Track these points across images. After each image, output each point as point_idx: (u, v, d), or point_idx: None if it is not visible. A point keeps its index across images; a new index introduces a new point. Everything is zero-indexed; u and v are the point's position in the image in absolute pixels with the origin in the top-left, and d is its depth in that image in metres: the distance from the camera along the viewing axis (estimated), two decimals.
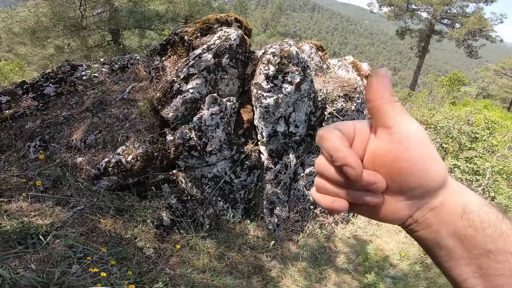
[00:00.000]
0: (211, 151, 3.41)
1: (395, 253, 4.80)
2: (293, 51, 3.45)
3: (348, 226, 5.41)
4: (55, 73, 4.14)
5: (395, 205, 0.43)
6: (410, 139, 0.40)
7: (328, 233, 4.87)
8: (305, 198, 4.65)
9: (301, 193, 4.53)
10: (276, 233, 4.46)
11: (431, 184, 0.41)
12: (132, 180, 3.45)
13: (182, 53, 3.68)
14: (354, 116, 4.28)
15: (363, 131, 0.44)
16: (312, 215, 4.94)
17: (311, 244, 4.50)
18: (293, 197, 4.51)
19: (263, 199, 4.27)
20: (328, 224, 5.12)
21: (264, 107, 3.52)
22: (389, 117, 0.41)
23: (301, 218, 4.73)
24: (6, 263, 2.34)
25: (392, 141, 0.41)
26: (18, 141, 3.33)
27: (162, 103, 3.45)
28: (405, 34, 17.95)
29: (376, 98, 0.41)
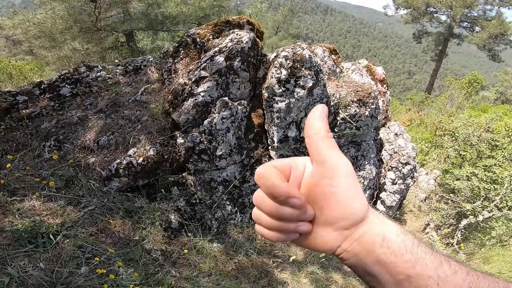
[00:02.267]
0: (221, 155, 3.41)
1: None
2: (305, 55, 3.43)
3: None
4: (71, 74, 4.23)
5: (324, 235, 0.47)
6: (337, 175, 0.45)
7: None
8: None
9: None
10: None
11: (353, 216, 0.45)
12: (142, 181, 3.49)
13: (194, 56, 3.71)
14: (368, 122, 4.22)
15: (299, 167, 0.50)
16: None
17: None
18: None
19: None
20: None
21: (275, 112, 3.50)
22: (321, 152, 0.46)
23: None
24: (15, 261, 2.40)
25: (323, 176, 0.46)
26: (34, 141, 3.41)
27: (174, 106, 3.48)
28: (422, 37, 17.55)
29: (311, 134, 0.47)
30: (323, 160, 0.46)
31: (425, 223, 6.21)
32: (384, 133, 5.30)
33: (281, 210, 0.46)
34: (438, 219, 5.85)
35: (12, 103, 3.76)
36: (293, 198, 0.45)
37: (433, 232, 5.91)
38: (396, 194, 5.46)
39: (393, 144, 5.20)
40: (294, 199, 0.45)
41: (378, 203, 5.62)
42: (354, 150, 4.62)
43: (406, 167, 5.22)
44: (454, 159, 6.41)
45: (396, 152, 5.19)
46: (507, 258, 4.65)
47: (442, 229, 5.89)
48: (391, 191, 5.46)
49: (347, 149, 4.58)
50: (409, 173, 5.32)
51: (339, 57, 4.57)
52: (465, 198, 5.91)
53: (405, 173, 5.30)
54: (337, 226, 0.46)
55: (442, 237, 5.67)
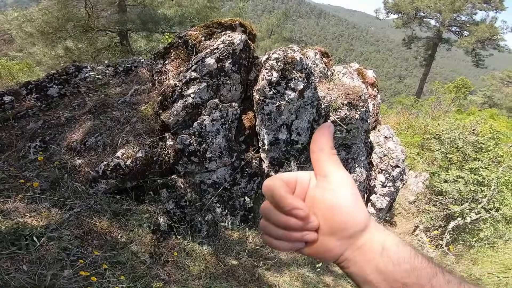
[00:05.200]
0: (211, 157, 3.34)
1: None
2: (297, 57, 3.38)
3: None
4: (60, 74, 4.11)
5: (329, 244, 0.49)
6: (340, 188, 0.48)
7: None
8: None
9: None
10: None
11: (356, 226, 0.48)
12: (131, 184, 3.40)
13: (185, 57, 3.63)
14: (358, 124, 4.19)
15: (304, 180, 0.53)
16: None
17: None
18: None
19: None
20: None
21: (266, 114, 3.44)
22: (325, 167, 0.50)
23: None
24: None
25: (326, 189, 0.49)
26: (19, 141, 3.30)
27: (164, 107, 3.40)
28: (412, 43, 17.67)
29: (316, 150, 0.51)
30: (326, 174, 0.50)
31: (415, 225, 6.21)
32: (374, 136, 5.29)
33: (287, 221, 0.49)
34: (427, 221, 5.86)
35: None
36: (297, 209, 0.47)
37: (423, 234, 5.91)
38: (386, 197, 5.45)
39: (383, 147, 5.19)
40: (298, 210, 0.47)
41: (368, 205, 5.60)
42: (344, 153, 4.59)
43: (396, 169, 5.21)
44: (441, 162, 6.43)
45: (386, 155, 5.18)
46: (496, 259, 4.65)
47: (431, 231, 5.90)
48: (381, 193, 5.45)
49: (338, 152, 4.53)
50: (398, 175, 5.31)
51: (330, 60, 4.54)
52: (453, 200, 5.92)
53: (394, 176, 5.29)
54: (340, 236, 0.48)
55: (432, 239, 5.68)
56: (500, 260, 4.60)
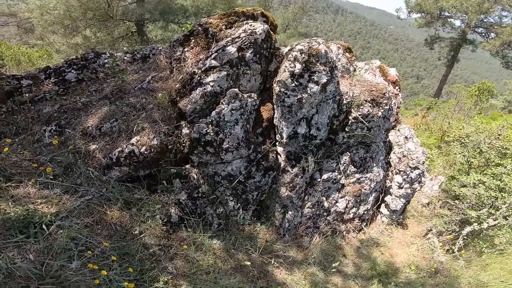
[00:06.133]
0: (227, 148, 3.16)
1: (405, 265, 4.46)
2: (321, 50, 3.15)
3: (360, 235, 5.09)
4: (79, 60, 4.00)
5: None
6: None
7: (339, 241, 4.55)
8: (320, 204, 4.35)
9: (316, 199, 4.23)
10: (285, 238, 4.19)
11: None
12: (144, 172, 3.26)
13: (205, 45, 3.45)
14: (380, 123, 3.94)
15: None
16: (325, 222, 4.63)
17: (320, 250, 4.21)
18: (307, 203, 4.21)
19: (275, 202, 4.00)
20: (339, 232, 4.81)
21: (286, 107, 3.24)
22: None
23: (313, 225, 4.44)
24: (4, 252, 2.19)
25: None
26: (35, 125, 3.19)
27: (181, 95, 3.23)
28: (435, 43, 16.91)
29: None
30: None
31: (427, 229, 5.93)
32: (393, 136, 5.01)
33: None
34: (441, 225, 5.58)
35: (15, 87, 3.55)
36: None
37: (435, 238, 5.64)
38: (401, 198, 5.19)
39: (403, 147, 4.92)
40: None
41: (382, 206, 5.34)
42: (363, 151, 4.35)
43: (415, 171, 4.94)
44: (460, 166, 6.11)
45: (405, 156, 4.90)
46: (505, 266, 4.44)
47: (444, 235, 5.63)
48: (396, 195, 5.19)
49: (356, 150, 4.31)
50: (417, 177, 5.04)
51: (353, 55, 4.29)
52: (470, 205, 5.63)
53: (413, 178, 5.01)
54: None
55: (443, 244, 5.41)
56: (509, 266, 4.36)
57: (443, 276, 4.22)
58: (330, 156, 4.09)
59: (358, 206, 4.86)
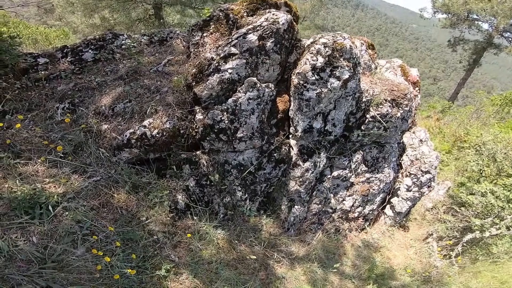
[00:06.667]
0: (241, 137, 2.99)
1: (401, 267, 4.37)
2: (346, 45, 2.92)
3: (362, 234, 4.96)
4: (97, 40, 3.83)
5: None
6: None
7: (341, 239, 4.40)
8: (327, 201, 4.17)
9: (324, 195, 4.05)
10: (289, 232, 4.04)
11: None
12: (154, 155, 3.11)
13: (225, 31, 3.23)
14: (397, 124, 3.70)
15: None
16: (330, 219, 4.46)
17: (322, 247, 4.11)
18: (314, 198, 4.04)
19: (283, 195, 3.84)
20: (342, 230, 4.65)
21: (304, 100, 3.04)
22: None
23: (318, 221, 4.28)
24: (7, 233, 2.09)
25: None
26: (48, 102, 3.05)
27: (197, 80, 3.04)
28: (458, 45, 16.09)
29: None
30: None
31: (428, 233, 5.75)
32: (408, 138, 4.76)
33: None
34: (442, 231, 5.41)
35: (31, 64, 3.43)
36: None
37: (434, 242, 5.48)
38: (408, 201, 4.98)
39: (416, 150, 4.67)
40: None
41: (387, 207, 5.14)
42: (376, 151, 4.13)
43: (426, 175, 4.70)
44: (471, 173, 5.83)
45: (418, 159, 4.66)
46: (496, 274, 4.38)
47: (444, 240, 5.46)
48: (404, 197, 4.98)
49: (369, 149, 4.09)
50: (427, 182, 4.81)
51: (375, 52, 4.01)
52: (475, 213, 5.44)
53: (422, 182, 4.79)
54: None
55: (442, 249, 5.27)
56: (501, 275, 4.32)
57: (435, 281, 4.14)
58: (342, 153, 3.88)
59: (364, 206, 4.68)
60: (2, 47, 2.78)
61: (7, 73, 3.02)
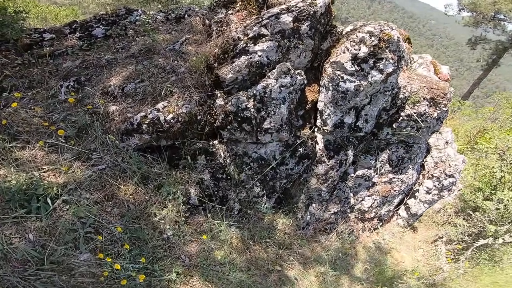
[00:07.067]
0: (268, 129, 2.60)
1: (409, 270, 4.21)
2: (394, 36, 2.53)
3: (373, 235, 4.69)
4: (109, 16, 3.40)
5: None
6: None
7: (353, 239, 4.12)
8: (346, 201, 3.82)
9: (345, 195, 3.70)
10: (304, 231, 3.73)
11: None
12: (166, 142, 2.74)
13: (253, 10, 2.82)
14: (431, 124, 3.31)
15: None
16: (346, 218, 4.13)
17: (335, 248, 3.85)
18: (334, 197, 3.68)
19: (301, 193, 3.50)
20: (356, 230, 4.34)
21: (340, 92, 2.63)
22: None
23: (335, 221, 3.94)
24: (1, 230, 1.74)
25: None
26: (51, 79, 2.64)
27: (220, 61, 2.64)
28: (478, 44, 15.44)
29: None
30: None
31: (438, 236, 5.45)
32: (434, 138, 4.38)
33: None
34: (454, 235, 5.16)
35: (36, 40, 3.00)
36: None
37: (443, 245, 5.21)
38: (425, 204, 4.65)
39: (442, 152, 4.29)
40: None
41: (401, 208, 4.81)
42: (403, 151, 3.76)
43: (449, 179, 4.34)
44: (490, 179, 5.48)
45: (442, 162, 4.29)
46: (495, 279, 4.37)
47: (454, 244, 5.19)
48: (422, 199, 4.63)
49: (396, 148, 3.73)
50: (449, 185, 4.45)
51: (411, 47, 3.57)
52: (490, 219, 5.18)
53: (444, 185, 4.43)
54: None
55: (450, 252, 5.04)
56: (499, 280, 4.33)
57: (439, 285, 4.07)
58: (368, 151, 3.51)
59: (381, 206, 4.35)
60: (4, 21, 2.37)
61: (9, 49, 2.62)
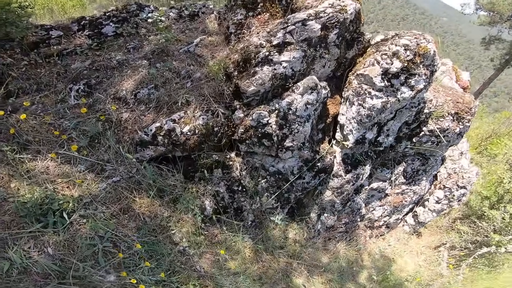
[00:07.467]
0: (289, 147, 2.45)
1: (411, 275, 4.22)
2: (431, 50, 2.35)
3: (379, 241, 4.65)
4: (119, 12, 3.18)
5: None
6: None
7: (361, 247, 4.08)
8: (358, 211, 3.74)
9: (358, 206, 3.62)
10: (314, 240, 3.67)
11: None
12: (181, 154, 2.58)
13: (276, 13, 2.61)
14: (452, 139, 3.18)
15: None
16: (355, 227, 4.07)
17: (343, 256, 3.81)
18: (347, 208, 3.60)
19: (314, 203, 3.40)
20: (363, 237, 4.29)
21: (366, 108, 2.47)
22: None
23: (344, 229, 3.87)
24: (18, 243, 1.68)
25: None
26: (60, 82, 2.47)
27: (240, 70, 2.48)
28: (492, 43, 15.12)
29: None
30: None
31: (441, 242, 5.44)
32: (449, 149, 4.26)
33: None
34: (457, 242, 5.17)
35: (42, 38, 2.80)
36: None
37: (446, 252, 5.21)
38: (433, 213, 4.58)
39: (456, 163, 4.19)
40: None
41: (409, 215, 4.74)
42: (418, 163, 3.66)
43: (460, 190, 4.26)
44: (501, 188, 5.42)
45: (456, 173, 4.20)
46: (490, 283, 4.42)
47: (456, 250, 5.20)
48: (431, 208, 4.56)
49: (412, 161, 3.62)
50: (460, 196, 4.37)
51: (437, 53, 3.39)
52: (495, 228, 5.18)
53: (455, 196, 4.35)
54: None
55: (452, 258, 5.05)
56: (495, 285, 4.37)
57: None
58: (385, 164, 3.40)
59: (391, 215, 4.28)
60: (8, 18, 2.17)
61: (14, 48, 2.43)
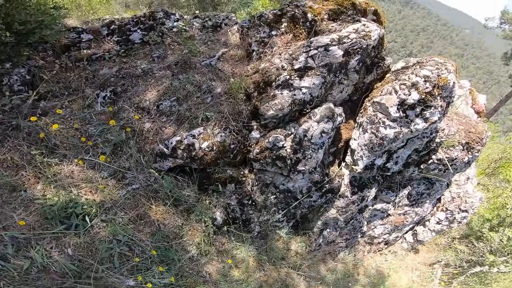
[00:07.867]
0: (301, 170, 2.52)
1: None
2: (450, 82, 2.38)
3: (377, 255, 4.72)
4: (147, 18, 3.25)
5: None
6: None
7: (358, 261, 4.15)
8: (360, 229, 3.82)
9: (360, 225, 3.69)
10: (315, 253, 3.75)
11: None
12: (197, 167, 2.67)
13: (299, 34, 2.67)
14: (459, 166, 3.23)
15: None
16: (355, 242, 4.14)
17: (340, 269, 3.88)
18: (349, 226, 3.67)
19: (318, 219, 3.48)
20: (362, 252, 4.37)
21: (379, 138, 2.52)
22: None
23: (345, 245, 3.95)
24: (41, 244, 1.76)
25: None
26: (88, 87, 2.55)
27: (260, 91, 2.54)
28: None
29: None
30: None
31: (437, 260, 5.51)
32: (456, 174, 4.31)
33: None
34: (452, 260, 5.25)
35: (73, 41, 2.87)
36: None
37: (440, 269, 5.29)
38: (433, 232, 4.64)
39: (461, 188, 4.24)
40: None
41: (409, 233, 4.81)
42: (423, 187, 3.71)
43: (462, 214, 4.31)
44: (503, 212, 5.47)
45: (459, 197, 4.24)
46: None
47: (450, 268, 5.29)
48: (431, 228, 4.62)
49: (417, 184, 3.67)
50: (461, 219, 4.42)
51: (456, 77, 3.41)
52: (491, 249, 5.28)
53: (456, 218, 4.40)
54: None
55: (445, 275, 5.14)
56: None
57: None
58: (390, 187, 3.47)
59: (391, 234, 4.35)
60: (44, 21, 2.22)
61: (46, 50, 2.50)
